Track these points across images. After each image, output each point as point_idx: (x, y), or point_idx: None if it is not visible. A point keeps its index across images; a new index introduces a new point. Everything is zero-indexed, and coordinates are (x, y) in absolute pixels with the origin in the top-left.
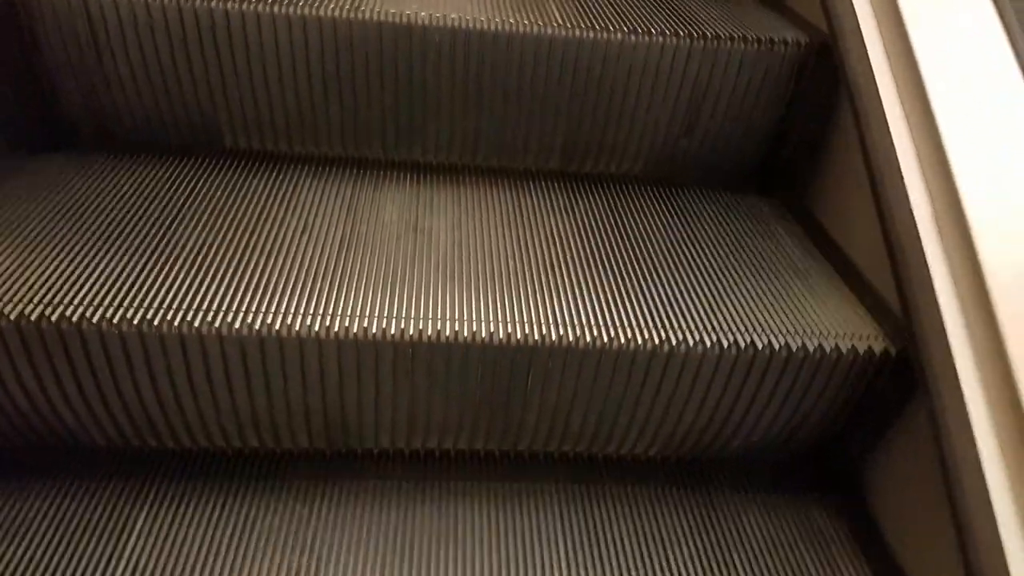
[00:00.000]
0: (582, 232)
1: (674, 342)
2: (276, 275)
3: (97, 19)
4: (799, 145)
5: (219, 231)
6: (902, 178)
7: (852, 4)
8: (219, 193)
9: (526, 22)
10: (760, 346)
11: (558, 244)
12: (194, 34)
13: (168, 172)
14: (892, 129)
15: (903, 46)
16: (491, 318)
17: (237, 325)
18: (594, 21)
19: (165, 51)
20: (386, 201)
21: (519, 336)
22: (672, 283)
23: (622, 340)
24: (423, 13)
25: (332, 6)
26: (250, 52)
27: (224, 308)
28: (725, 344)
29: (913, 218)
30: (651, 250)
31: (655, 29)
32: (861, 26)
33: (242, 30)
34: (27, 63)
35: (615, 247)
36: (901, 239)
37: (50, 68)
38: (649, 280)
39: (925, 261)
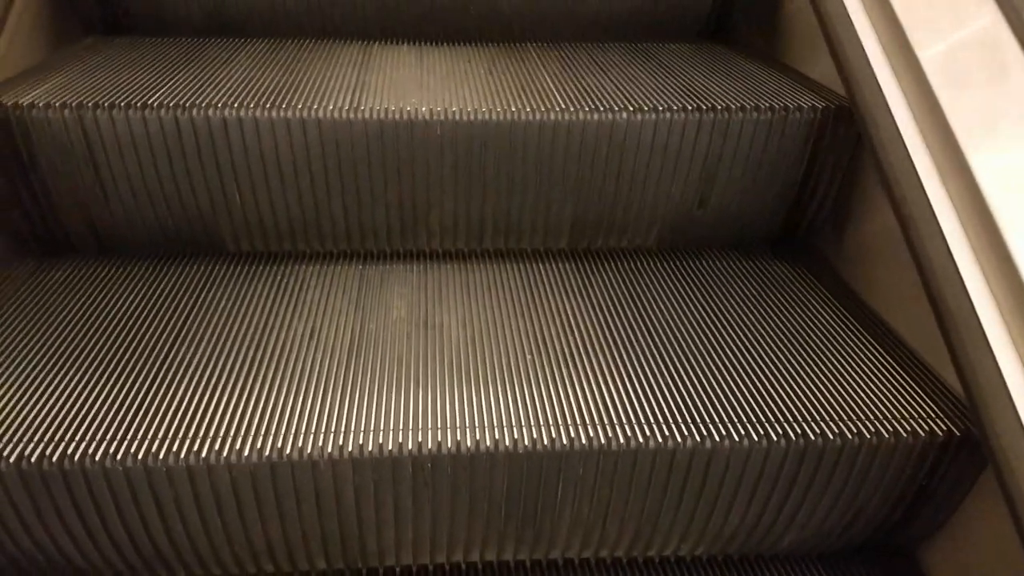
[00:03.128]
0: (600, 315)
1: (717, 438)
2: (284, 390)
3: (93, 136)
4: (821, 210)
5: (224, 344)
6: (947, 246)
7: (870, 63)
8: (223, 302)
9: (528, 109)
10: (813, 436)
11: (576, 331)
12: (192, 144)
13: (170, 283)
14: (928, 190)
15: (928, 100)
16: (513, 423)
17: (247, 452)
18: (597, 102)
19: (163, 163)
20: (394, 296)
21: (546, 442)
22: (704, 368)
23: (659, 439)
24: (424, 108)
25: (331, 107)
26: (249, 158)
27: (232, 433)
28: (775, 437)
29: (964, 287)
30: (675, 331)
31: (661, 105)
32: (881, 84)
33: (240, 137)
34: (25, 180)
35: (637, 330)
36: (953, 312)
37: (48, 184)
38: (679, 366)
39: (984, 336)
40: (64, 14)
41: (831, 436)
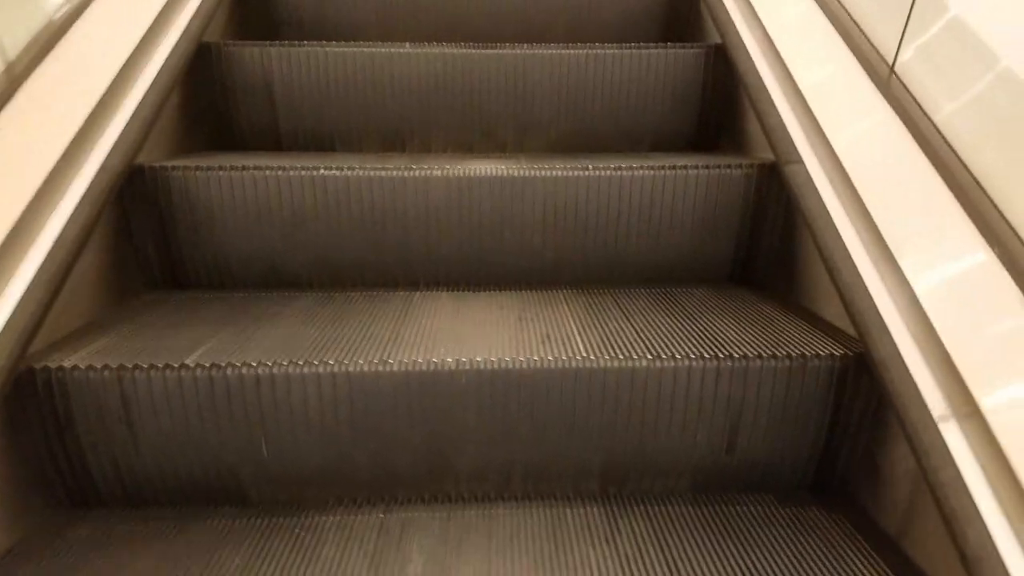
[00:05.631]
0: (628, 570)
1: None
2: None
3: (130, 395)
4: (853, 456)
5: None
6: (973, 504)
7: (880, 314)
8: (237, 560)
9: (551, 357)
10: None
11: None
12: (224, 399)
13: (189, 540)
14: (950, 444)
15: (939, 351)
16: None
17: None
18: (618, 350)
19: (195, 418)
20: (412, 548)
21: None
22: None
23: None
24: (450, 359)
25: (360, 360)
26: (279, 411)
27: None
28: None
29: (995, 546)
30: None
31: (679, 354)
32: (894, 335)
33: (271, 391)
34: (60, 438)
35: None
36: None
37: (82, 441)
38: None
39: None
40: (127, 273)
41: None
